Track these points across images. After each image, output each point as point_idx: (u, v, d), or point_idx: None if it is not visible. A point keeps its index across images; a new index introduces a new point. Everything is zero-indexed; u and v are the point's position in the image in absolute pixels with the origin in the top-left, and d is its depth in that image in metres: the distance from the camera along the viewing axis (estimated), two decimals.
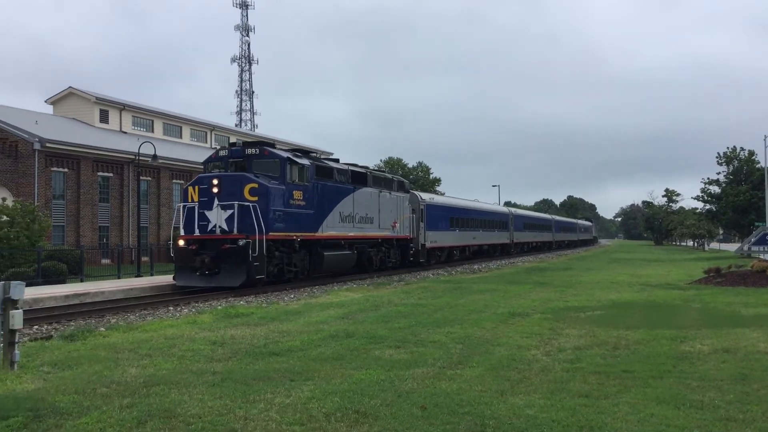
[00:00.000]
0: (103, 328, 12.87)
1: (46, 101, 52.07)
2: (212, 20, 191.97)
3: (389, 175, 32.65)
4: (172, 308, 16.73)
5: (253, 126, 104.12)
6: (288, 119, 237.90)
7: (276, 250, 21.79)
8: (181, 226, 21.59)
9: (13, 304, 8.68)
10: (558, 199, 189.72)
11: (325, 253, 24.37)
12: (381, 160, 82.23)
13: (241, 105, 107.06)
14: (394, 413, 6.49)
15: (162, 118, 55.98)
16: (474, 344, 10.52)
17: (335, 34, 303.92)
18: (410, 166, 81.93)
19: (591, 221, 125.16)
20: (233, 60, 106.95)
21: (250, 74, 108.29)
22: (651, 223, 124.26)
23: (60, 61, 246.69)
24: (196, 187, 21.46)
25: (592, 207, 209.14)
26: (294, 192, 22.46)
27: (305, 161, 23.52)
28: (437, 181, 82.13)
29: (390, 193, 30.97)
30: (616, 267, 37.12)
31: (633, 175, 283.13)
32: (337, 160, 29.00)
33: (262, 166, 22.12)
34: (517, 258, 51.06)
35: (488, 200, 67.04)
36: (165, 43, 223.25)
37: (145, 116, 54.09)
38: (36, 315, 14.98)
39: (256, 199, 20.72)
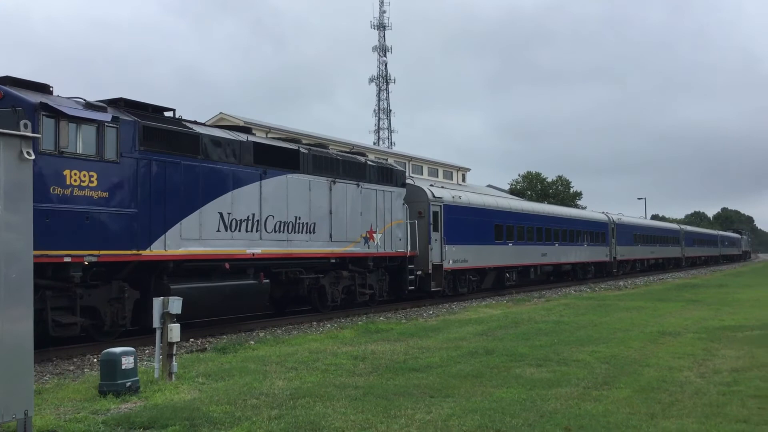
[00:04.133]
0: (252, 342, 13.47)
1: None
2: (347, 41, 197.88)
3: (360, 158, 20.43)
4: (315, 323, 17.24)
5: (391, 144, 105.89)
6: (425, 136, 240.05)
7: None
8: None
9: (171, 318, 9.29)
10: (711, 212, 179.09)
11: (173, 287, 13.52)
12: (519, 175, 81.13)
13: (378, 124, 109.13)
14: None
15: (303, 138, 58.06)
16: (621, 364, 10.11)
17: (470, 47, 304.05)
18: (549, 180, 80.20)
19: (740, 233, 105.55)
20: (371, 80, 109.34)
21: (388, 93, 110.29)
22: None
23: (205, 85, 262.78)
24: None
25: (749, 220, 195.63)
26: (72, 172, 12.00)
27: (103, 116, 12.60)
28: (578, 194, 79.86)
29: (359, 186, 19.59)
30: None
31: None
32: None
33: None
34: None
35: (633, 214, 60.88)
36: (303, 65, 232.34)
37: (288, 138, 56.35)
38: (191, 328, 15.88)
39: None
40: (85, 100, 12.79)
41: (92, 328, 12.88)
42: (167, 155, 13.82)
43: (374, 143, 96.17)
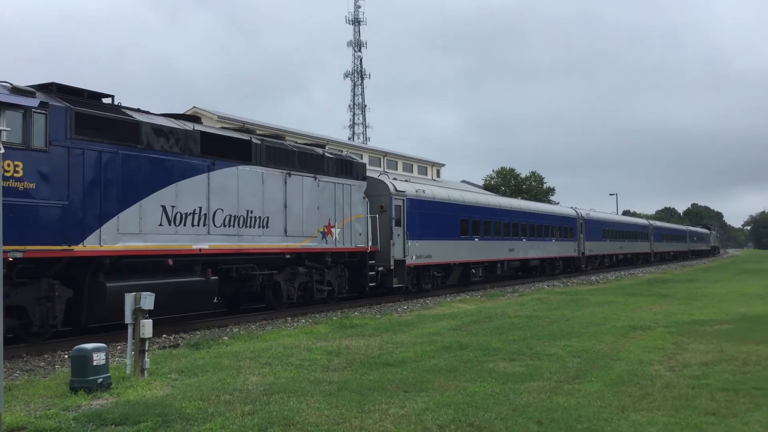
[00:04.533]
0: (226, 337, 13.40)
1: None
2: (322, 36, 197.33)
3: (317, 150, 19.52)
4: (289, 318, 17.19)
5: (366, 139, 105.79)
6: (401, 132, 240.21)
7: None
8: None
9: (144, 313, 9.21)
10: (681, 208, 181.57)
11: (110, 285, 12.97)
12: (493, 170, 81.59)
13: (353, 119, 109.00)
14: (509, 427, 6.41)
15: (273, 132, 57.81)
16: (592, 358, 10.22)
17: (444, 43, 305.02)
18: (523, 175, 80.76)
19: (709, 228, 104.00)
20: (346, 75, 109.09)
21: (363, 88, 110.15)
22: None
23: (179, 79, 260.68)
24: None
25: (719, 215, 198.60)
26: None
27: (30, 101, 11.84)
28: (551, 190, 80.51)
29: (316, 178, 18.80)
30: (746, 278, 35.01)
31: (765, 181, 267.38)
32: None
33: None
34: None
35: (606, 209, 60.99)
36: (277, 60, 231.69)
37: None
38: (163, 324, 15.75)
39: None
40: (11, 84, 11.88)
41: (20, 328, 12.09)
42: (103, 144, 12.99)
43: (349, 138, 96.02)
